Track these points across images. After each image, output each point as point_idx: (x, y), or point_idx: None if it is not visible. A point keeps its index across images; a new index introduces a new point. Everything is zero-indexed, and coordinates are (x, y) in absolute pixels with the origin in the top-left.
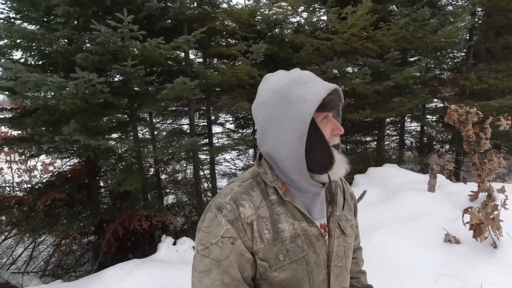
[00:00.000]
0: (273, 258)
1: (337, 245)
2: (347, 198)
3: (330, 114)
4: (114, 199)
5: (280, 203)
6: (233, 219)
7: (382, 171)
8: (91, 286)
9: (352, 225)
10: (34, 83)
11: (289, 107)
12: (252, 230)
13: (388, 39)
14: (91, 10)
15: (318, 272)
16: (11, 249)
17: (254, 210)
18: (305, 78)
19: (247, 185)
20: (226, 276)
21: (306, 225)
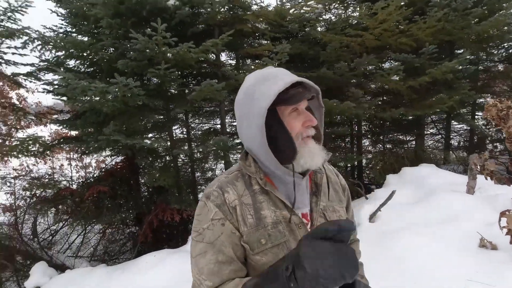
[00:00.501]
0: (256, 241)
1: None
2: (337, 190)
3: (300, 107)
4: (151, 194)
5: (262, 192)
6: (220, 203)
7: (417, 171)
8: (128, 270)
9: (340, 216)
10: (81, 89)
11: (252, 104)
12: (236, 214)
13: (424, 32)
14: (130, 21)
15: None
16: (67, 236)
17: (237, 197)
18: (270, 76)
19: (232, 176)
20: (221, 254)
21: (287, 213)
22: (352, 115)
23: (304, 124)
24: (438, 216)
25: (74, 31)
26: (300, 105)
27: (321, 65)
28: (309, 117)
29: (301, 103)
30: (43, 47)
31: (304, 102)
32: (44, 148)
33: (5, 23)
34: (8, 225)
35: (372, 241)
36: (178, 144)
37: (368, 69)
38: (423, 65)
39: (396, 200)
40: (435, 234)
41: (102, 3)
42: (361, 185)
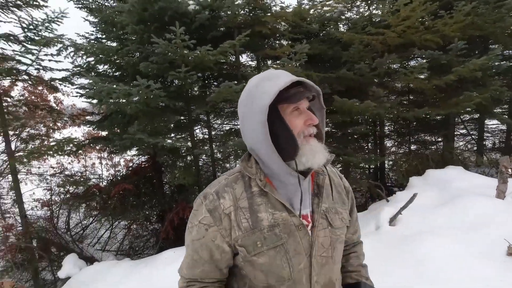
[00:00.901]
0: (251, 244)
1: (323, 236)
2: (340, 192)
3: (301, 106)
4: (173, 192)
5: (261, 194)
6: (212, 209)
7: (442, 173)
8: (150, 264)
9: (343, 218)
10: (106, 92)
11: (254, 103)
12: (230, 219)
13: (451, 28)
14: (153, 26)
15: (299, 260)
16: (96, 230)
17: (233, 202)
18: (271, 76)
19: (232, 178)
20: (196, 254)
21: (286, 215)
22: (374, 115)
23: (305, 122)
24: (463, 221)
25: (104, 37)
26: (302, 104)
27: (342, 65)
28: (310, 115)
29: (302, 102)
30: (75, 53)
31: (305, 102)
32: (77, 147)
33: (43, 32)
34: (44, 219)
35: (391, 245)
36: (199, 144)
37: (391, 68)
38: (451, 62)
39: (418, 203)
40: (459, 239)
41: (128, 11)
42: (382, 187)
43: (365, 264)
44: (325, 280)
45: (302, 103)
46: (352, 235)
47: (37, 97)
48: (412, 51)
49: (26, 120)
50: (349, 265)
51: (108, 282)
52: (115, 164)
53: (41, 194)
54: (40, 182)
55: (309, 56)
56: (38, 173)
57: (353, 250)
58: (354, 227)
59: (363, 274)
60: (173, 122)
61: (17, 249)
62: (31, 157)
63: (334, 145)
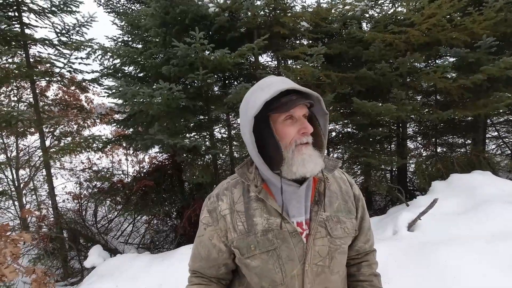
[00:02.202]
0: (245, 247)
1: (320, 245)
2: (346, 200)
3: (296, 114)
4: (191, 190)
5: (257, 200)
6: (211, 210)
7: (468, 178)
8: (167, 259)
9: (346, 228)
10: (131, 94)
11: (246, 112)
12: (226, 221)
13: (480, 25)
14: (174, 29)
15: (292, 266)
16: (120, 224)
17: (229, 206)
18: (264, 85)
19: (233, 182)
20: (196, 249)
21: (280, 222)
22: (395, 117)
23: (299, 131)
24: (489, 230)
25: (130, 40)
26: (296, 113)
27: (363, 65)
28: (304, 124)
29: (295, 111)
30: (103, 56)
31: (301, 109)
32: (103, 144)
33: (74, 36)
34: (73, 211)
35: (408, 251)
36: (219, 144)
37: (415, 67)
38: (479, 61)
39: (440, 209)
40: (483, 250)
41: (151, 15)
42: (402, 190)
43: (378, 273)
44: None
45: (296, 111)
46: (364, 244)
47: (70, 96)
48: (437, 50)
49: (60, 119)
50: (360, 274)
51: (128, 273)
52: (139, 161)
53: (72, 188)
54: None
55: (329, 56)
56: (69, 168)
57: (365, 258)
58: (366, 236)
59: (375, 284)
60: (192, 122)
61: (48, 239)
62: (61, 153)
63: (355, 146)
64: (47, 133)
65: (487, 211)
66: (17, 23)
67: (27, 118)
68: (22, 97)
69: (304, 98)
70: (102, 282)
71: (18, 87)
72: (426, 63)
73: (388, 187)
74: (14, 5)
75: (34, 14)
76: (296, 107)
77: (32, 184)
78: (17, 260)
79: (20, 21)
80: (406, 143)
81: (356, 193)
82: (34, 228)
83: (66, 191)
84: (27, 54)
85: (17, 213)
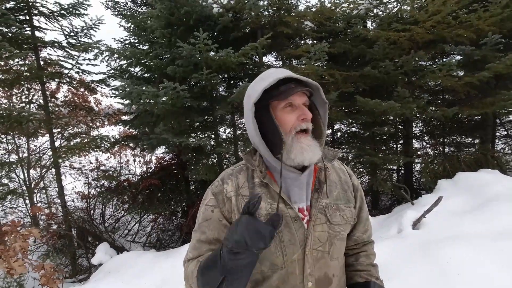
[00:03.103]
0: None
1: (320, 230)
2: (345, 189)
3: (296, 102)
4: (196, 189)
5: (261, 185)
6: (217, 192)
7: (475, 177)
8: (171, 256)
9: (345, 215)
10: (136, 93)
11: (248, 101)
12: (231, 203)
13: (486, 22)
14: (179, 30)
15: (293, 250)
16: (127, 223)
17: (234, 189)
18: (265, 75)
19: (237, 169)
20: (203, 235)
21: (283, 207)
22: (399, 115)
23: (298, 118)
24: (495, 229)
25: (136, 41)
26: (296, 100)
27: (367, 64)
28: (303, 111)
29: (295, 98)
30: (110, 57)
31: (300, 97)
32: (110, 144)
33: (83, 38)
34: (82, 210)
35: (412, 249)
36: (224, 143)
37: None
38: (486, 58)
39: (446, 207)
40: (488, 248)
41: (156, 16)
42: (407, 189)
43: (375, 263)
44: (320, 274)
45: (295, 99)
46: (362, 234)
47: (79, 98)
48: (442, 48)
49: (69, 119)
50: (358, 264)
51: (134, 270)
52: (147, 161)
53: (80, 187)
54: (79, 176)
55: (334, 55)
56: (77, 168)
57: (363, 249)
58: (364, 226)
59: (373, 273)
60: (197, 122)
61: (57, 236)
62: (69, 152)
63: (359, 145)
64: (56, 133)
65: (493, 210)
66: (28, 26)
67: (37, 119)
68: (33, 98)
69: (303, 86)
70: (108, 278)
71: (29, 89)
72: (431, 61)
73: (394, 186)
74: (25, 9)
75: (44, 17)
76: (295, 95)
77: (43, 184)
78: (26, 255)
79: (31, 24)
80: (411, 142)
81: (355, 183)
82: (43, 225)
83: (75, 190)
84: (37, 56)
85: (28, 212)
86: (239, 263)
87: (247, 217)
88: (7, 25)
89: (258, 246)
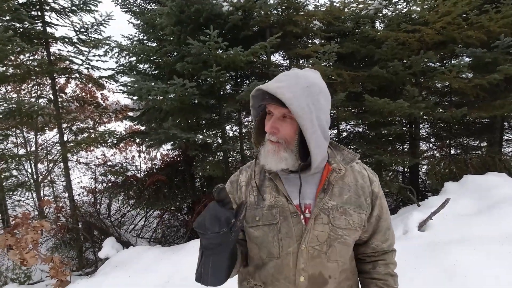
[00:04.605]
0: (251, 217)
1: (320, 230)
2: (359, 195)
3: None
4: (202, 185)
5: (269, 179)
6: (233, 180)
7: (482, 179)
8: (176, 252)
9: (351, 221)
10: (146, 89)
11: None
12: (241, 191)
13: (498, 23)
14: (189, 27)
15: (289, 243)
16: (133, 218)
17: (246, 179)
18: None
19: (254, 163)
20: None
21: (285, 201)
22: (407, 116)
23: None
24: (502, 232)
25: (145, 38)
26: (272, 110)
27: (375, 64)
28: (268, 122)
29: (270, 108)
30: (119, 54)
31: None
32: (118, 140)
33: (93, 34)
34: (89, 204)
35: (418, 251)
36: (230, 141)
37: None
38: (497, 60)
39: (452, 209)
40: (496, 251)
41: (166, 13)
42: (413, 191)
43: (394, 273)
44: (314, 272)
45: (271, 108)
46: (381, 243)
47: (87, 93)
48: (452, 49)
49: (77, 114)
50: (375, 272)
51: (140, 264)
52: (152, 158)
53: (87, 182)
54: (86, 171)
55: (342, 55)
56: (85, 163)
57: (382, 257)
58: (384, 235)
59: (390, 283)
60: (205, 119)
61: (65, 229)
62: (77, 147)
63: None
64: (65, 128)
65: (501, 213)
66: (40, 22)
67: (47, 113)
68: (43, 93)
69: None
70: (115, 272)
71: (40, 84)
72: (440, 63)
73: (400, 187)
74: (37, 5)
75: (55, 13)
76: (270, 105)
77: (50, 178)
78: (37, 247)
79: (42, 20)
80: (418, 143)
81: (375, 190)
82: (52, 219)
83: (82, 185)
84: (48, 52)
85: (36, 205)
86: (210, 242)
87: (213, 203)
88: (19, 20)
89: (213, 230)
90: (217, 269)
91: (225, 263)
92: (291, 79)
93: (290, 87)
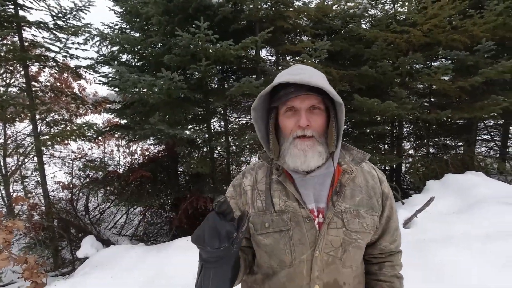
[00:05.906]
0: (260, 223)
1: (334, 235)
2: (371, 196)
3: (297, 106)
4: (187, 182)
5: (278, 182)
6: (236, 184)
7: (462, 179)
8: (162, 251)
9: (365, 223)
10: (132, 82)
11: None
12: (247, 196)
13: (481, 28)
14: (177, 18)
15: (302, 250)
16: (113, 215)
17: (251, 183)
18: (277, 76)
19: (259, 164)
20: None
21: (296, 206)
22: (393, 116)
23: (295, 124)
24: (483, 230)
25: (128, 27)
26: (297, 104)
27: (364, 63)
28: (300, 116)
29: (294, 103)
30: (101, 42)
31: (302, 101)
32: (97, 133)
33: (71, 20)
34: (65, 201)
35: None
36: (215, 137)
37: (414, 68)
38: (478, 64)
39: (435, 208)
40: (478, 249)
41: (153, 2)
42: (398, 189)
43: (400, 275)
44: (329, 279)
45: (296, 103)
46: (389, 244)
47: (62, 83)
48: (437, 51)
49: (52, 105)
50: (381, 274)
51: (123, 265)
52: (132, 152)
53: (62, 177)
54: (61, 166)
55: (330, 53)
56: (60, 157)
57: (388, 259)
58: (392, 236)
59: (396, 286)
60: (191, 114)
61: (40, 228)
62: (54, 140)
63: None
64: (38, 120)
65: (481, 212)
66: (11, 4)
67: (20, 103)
68: (14, 81)
69: (302, 89)
70: (96, 273)
71: (12, 71)
72: (423, 64)
73: None
74: None
75: None
76: (296, 99)
77: (20, 172)
78: (9, 248)
79: (14, 2)
80: (401, 142)
81: (385, 190)
82: (25, 217)
83: (56, 180)
84: (20, 37)
85: (4, 201)
86: (210, 256)
87: (213, 214)
88: None
89: (213, 245)
90: (219, 282)
91: (227, 275)
92: (307, 70)
93: (317, 77)
